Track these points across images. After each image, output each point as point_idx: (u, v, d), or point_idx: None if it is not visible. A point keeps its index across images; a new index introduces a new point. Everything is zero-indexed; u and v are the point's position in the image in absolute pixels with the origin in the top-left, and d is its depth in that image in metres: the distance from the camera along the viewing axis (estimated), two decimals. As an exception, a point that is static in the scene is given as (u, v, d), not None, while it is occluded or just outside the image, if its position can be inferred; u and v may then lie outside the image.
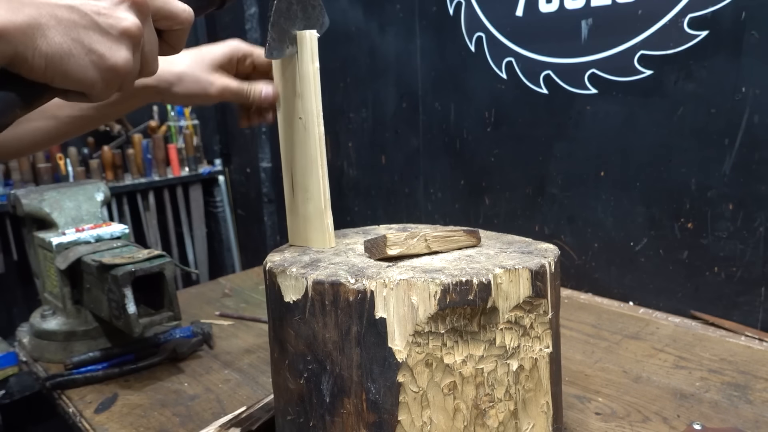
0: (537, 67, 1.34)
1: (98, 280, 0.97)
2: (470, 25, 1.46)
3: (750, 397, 0.87)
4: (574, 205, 1.35)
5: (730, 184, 1.09)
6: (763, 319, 1.10)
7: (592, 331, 1.13)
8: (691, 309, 1.19)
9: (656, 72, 1.15)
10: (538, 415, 0.62)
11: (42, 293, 1.18)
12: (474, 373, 0.57)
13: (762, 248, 1.08)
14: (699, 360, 0.99)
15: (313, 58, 0.67)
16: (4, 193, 2.02)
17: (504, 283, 0.57)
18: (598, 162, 1.28)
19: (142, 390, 0.97)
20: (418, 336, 0.55)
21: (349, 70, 1.88)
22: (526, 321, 0.59)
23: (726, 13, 1.04)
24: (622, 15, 1.17)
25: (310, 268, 0.61)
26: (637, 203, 1.24)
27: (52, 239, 1.06)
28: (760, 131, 1.04)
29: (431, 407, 0.57)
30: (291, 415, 0.63)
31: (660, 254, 1.22)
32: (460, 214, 1.61)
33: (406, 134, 1.72)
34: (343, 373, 0.57)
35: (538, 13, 1.31)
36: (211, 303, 1.37)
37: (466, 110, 1.53)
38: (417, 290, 0.54)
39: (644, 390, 0.90)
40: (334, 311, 0.57)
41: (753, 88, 1.04)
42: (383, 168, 1.80)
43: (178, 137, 2.49)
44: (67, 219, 1.12)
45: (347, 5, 1.82)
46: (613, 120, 1.24)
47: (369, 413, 0.57)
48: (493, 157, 1.49)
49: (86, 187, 1.18)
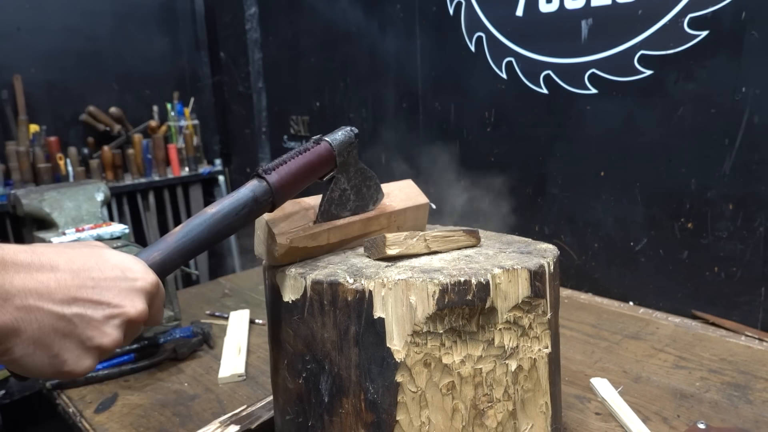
0: (537, 67, 1.34)
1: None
2: (470, 25, 1.45)
3: (750, 397, 0.87)
4: (574, 205, 1.35)
5: (730, 184, 1.09)
6: (763, 319, 1.10)
7: (592, 331, 1.13)
8: (691, 309, 1.19)
9: (656, 72, 1.15)
10: (537, 415, 0.61)
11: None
12: (472, 373, 0.57)
13: (762, 248, 1.07)
14: (699, 360, 0.99)
15: None
16: (4, 193, 2.03)
17: (503, 283, 0.57)
18: (598, 162, 1.28)
19: (142, 390, 0.97)
20: (416, 336, 0.55)
21: (349, 70, 1.88)
22: (525, 321, 0.59)
23: (726, 13, 1.04)
24: (622, 15, 1.17)
25: (308, 268, 0.61)
26: (637, 203, 1.23)
27: (52, 239, 1.06)
28: (760, 131, 1.04)
29: (430, 407, 0.57)
30: (290, 415, 0.63)
31: (660, 254, 1.22)
32: (460, 214, 1.61)
33: (406, 134, 1.72)
34: (341, 372, 0.57)
35: (538, 13, 1.31)
36: (211, 303, 1.37)
37: (466, 110, 1.53)
38: (415, 290, 0.54)
39: (644, 390, 0.90)
40: (333, 311, 0.57)
41: (753, 88, 1.03)
42: (383, 168, 1.80)
43: (178, 137, 2.50)
44: (68, 219, 1.12)
45: (347, 5, 1.82)
46: (613, 120, 1.24)
47: (367, 413, 0.57)
48: (494, 157, 1.49)
49: (86, 187, 1.18)
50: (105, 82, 2.38)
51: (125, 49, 2.41)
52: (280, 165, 0.60)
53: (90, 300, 0.45)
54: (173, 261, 0.53)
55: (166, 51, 2.54)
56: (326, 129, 0.74)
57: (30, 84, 2.18)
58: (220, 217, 0.55)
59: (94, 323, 0.45)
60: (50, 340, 0.43)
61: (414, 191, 0.76)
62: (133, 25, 2.43)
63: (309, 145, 0.63)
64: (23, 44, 2.17)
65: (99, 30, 2.34)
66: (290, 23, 2.10)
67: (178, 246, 0.53)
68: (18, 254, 0.42)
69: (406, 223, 0.73)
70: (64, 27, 2.25)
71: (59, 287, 0.43)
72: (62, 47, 2.25)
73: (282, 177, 0.59)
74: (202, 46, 2.61)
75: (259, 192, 0.57)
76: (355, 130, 0.67)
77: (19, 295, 0.41)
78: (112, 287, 0.46)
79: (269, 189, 0.58)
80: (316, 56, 2.02)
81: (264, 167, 0.59)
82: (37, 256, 0.43)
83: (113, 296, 0.46)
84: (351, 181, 0.67)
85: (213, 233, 0.55)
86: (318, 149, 0.63)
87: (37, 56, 2.20)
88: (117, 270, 0.47)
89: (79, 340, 0.44)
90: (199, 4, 2.56)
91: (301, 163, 0.61)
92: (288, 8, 2.10)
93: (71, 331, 0.44)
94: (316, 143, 0.63)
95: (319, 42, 1.99)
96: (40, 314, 0.42)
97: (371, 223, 0.69)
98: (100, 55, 2.35)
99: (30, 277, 0.42)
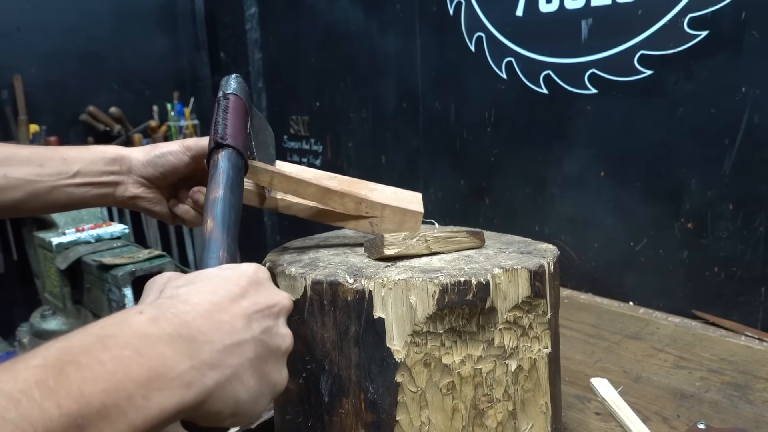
0: (537, 67, 1.34)
1: (98, 280, 0.97)
2: (470, 25, 1.45)
3: (750, 397, 0.87)
4: (574, 205, 1.35)
5: (730, 184, 1.09)
6: (763, 319, 1.10)
7: (592, 331, 1.13)
8: (691, 309, 1.19)
9: (656, 72, 1.15)
10: (537, 415, 0.61)
11: (42, 293, 1.18)
12: (472, 373, 0.57)
13: (762, 248, 1.07)
14: (699, 360, 0.99)
15: None
16: (5, 193, 2.02)
17: (503, 283, 0.57)
18: (598, 162, 1.28)
19: (141, 390, 0.97)
20: (416, 336, 0.55)
21: (349, 70, 1.88)
22: (525, 321, 0.59)
23: (726, 13, 1.04)
24: (622, 15, 1.17)
25: (308, 267, 0.61)
26: (637, 203, 1.23)
27: (52, 239, 1.06)
28: (760, 131, 1.04)
29: (430, 407, 0.57)
30: (290, 415, 0.63)
31: (660, 254, 1.22)
32: (460, 214, 1.61)
33: (406, 134, 1.72)
34: (341, 373, 0.57)
35: (538, 13, 1.31)
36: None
37: (466, 110, 1.53)
38: (415, 290, 0.54)
39: (644, 390, 0.90)
40: (333, 311, 0.57)
41: (753, 88, 1.03)
42: (383, 168, 1.80)
43: (178, 137, 2.50)
44: (67, 219, 1.12)
45: (347, 5, 1.82)
46: (613, 120, 1.24)
47: (367, 413, 0.57)
48: (494, 157, 1.49)
49: (86, 187, 1.18)
50: (105, 82, 2.38)
51: (125, 49, 2.41)
52: (225, 128, 0.59)
53: (253, 311, 0.41)
54: (233, 249, 0.50)
55: (166, 51, 2.54)
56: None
57: (30, 84, 2.18)
58: (230, 193, 0.54)
59: (272, 328, 0.42)
60: (261, 369, 0.40)
61: (410, 198, 0.74)
62: (133, 25, 2.43)
63: (224, 102, 0.62)
64: (23, 44, 2.17)
65: (99, 30, 2.34)
66: (290, 23, 2.10)
67: (226, 233, 0.50)
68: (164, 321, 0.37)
69: (384, 222, 0.70)
70: (64, 27, 2.25)
71: (223, 315, 0.39)
72: (62, 47, 2.26)
73: (234, 136, 0.59)
74: (202, 46, 2.61)
75: (233, 158, 0.57)
76: (239, 76, 0.67)
77: (206, 352, 0.36)
78: (253, 291, 0.43)
79: (236, 151, 0.58)
80: (316, 56, 2.02)
81: (217, 137, 0.58)
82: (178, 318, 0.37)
83: (262, 296, 0.43)
84: (256, 131, 0.67)
85: (233, 209, 0.53)
86: (233, 100, 0.62)
87: (37, 56, 2.21)
88: (242, 277, 0.43)
89: (273, 354, 0.42)
90: (199, 4, 2.56)
91: (234, 116, 0.61)
92: (288, 8, 2.10)
93: (266, 350, 0.41)
94: (225, 98, 0.62)
95: (319, 42, 1.99)
96: (234, 352, 0.38)
97: (330, 195, 0.67)
98: (100, 55, 2.35)
99: (203, 322, 0.38)
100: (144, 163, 0.71)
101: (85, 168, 0.69)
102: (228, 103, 0.62)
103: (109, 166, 0.70)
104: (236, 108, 0.62)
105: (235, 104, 0.62)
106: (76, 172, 0.68)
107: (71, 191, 0.69)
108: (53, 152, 0.68)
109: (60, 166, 0.68)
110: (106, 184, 0.70)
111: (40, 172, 0.67)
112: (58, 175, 0.67)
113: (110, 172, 0.70)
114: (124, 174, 0.71)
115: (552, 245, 0.68)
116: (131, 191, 0.72)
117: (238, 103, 0.63)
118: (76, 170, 0.68)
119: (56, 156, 0.68)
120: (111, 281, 0.93)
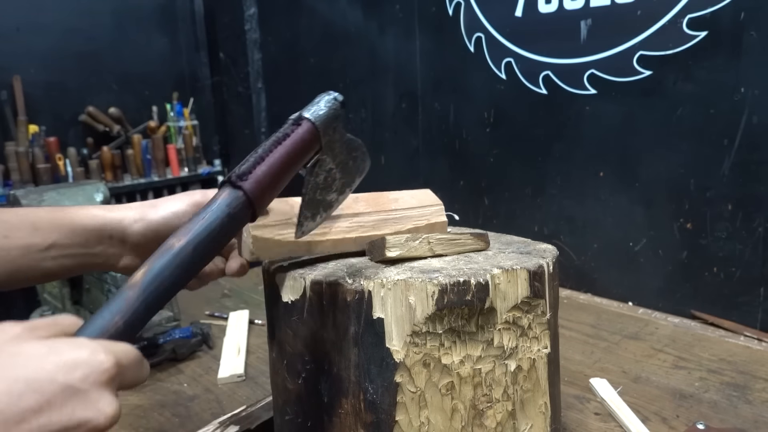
0: (536, 68, 1.34)
1: (98, 280, 0.97)
2: (469, 25, 1.46)
3: (749, 397, 0.87)
4: (574, 205, 1.35)
5: (729, 185, 1.09)
6: (762, 319, 1.10)
7: (592, 331, 1.13)
8: (690, 309, 1.19)
9: (655, 72, 1.15)
10: (536, 415, 0.62)
11: (42, 293, 1.18)
12: (472, 373, 0.57)
13: (761, 248, 1.08)
14: (698, 360, 0.99)
15: None
16: (4, 193, 2.02)
17: (502, 283, 0.57)
18: (598, 162, 1.28)
19: (141, 390, 0.97)
20: (415, 336, 0.55)
21: (348, 70, 1.88)
22: (524, 321, 0.59)
23: (725, 13, 1.04)
24: (621, 15, 1.17)
25: (308, 268, 0.61)
26: (637, 203, 1.24)
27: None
28: (759, 131, 1.04)
29: (429, 407, 0.57)
30: (289, 415, 0.63)
31: (659, 254, 1.22)
32: (459, 214, 1.61)
33: (405, 134, 1.72)
34: (341, 373, 0.57)
35: (537, 13, 1.31)
36: (210, 303, 1.37)
37: (466, 110, 1.53)
38: (415, 290, 0.54)
39: (643, 390, 0.90)
40: (332, 311, 0.57)
41: (752, 88, 1.04)
42: (383, 168, 1.80)
43: (178, 137, 2.50)
44: (67, 219, 1.12)
45: (347, 5, 1.82)
46: (612, 120, 1.24)
47: (367, 413, 0.57)
48: (493, 157, 1.49)
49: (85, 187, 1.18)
50: (104, 83, 2.38)
51: (124, 50, 2.41)
52: (256, 164, 0.48)
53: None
54: (141, 319, 0.42)
55: (165, 51, 2.54)
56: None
57: (29, 84, 2.18)
58: (191, 251, 0.44)
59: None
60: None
61: (426, 198, 0.72)
62: (133, 25, 2.43)
63: (287, 128, 0.50)
64: (23, 44, 2.17)
65: (98, 30, 2.34)
66: (290, 23, 2.10)
67: (144, 299, 0.42)
68: None
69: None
70: (64, 27, 2.25)
71: None
72: (62, 47, 2.25)
73: (261, 181, 0.47)
74: (202, 46, 2.61)
75: (235, 206, 0.47)
76: (339, 97, 0.55)
77: None
78: (58, 404, 0.34)
79: (247, 200, 0.47)
80: (316, 56, 2.02)
81: (237, 171, 0.48)
82: None
83: (65, 414, 0.34)
84: (337, 158, 0.55)
85: (185, 271, 0.44)
86: (300, 133, 0.50)
87: (36, 56, 2.20)
88: (55, 380, 0.34)
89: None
90: (199, 4, 2.56)
91: (283, 155, 0.49)
92: (288, 8, 2.10)
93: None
94: (295, 124, 0.50)
95: (319, 42, 1.99)
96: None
97: (368, 237, 0.64)
98: (99, 55, 2.35)
99: None
100: (141, 232, 0.59)
101: (63, 240, 0.56)
102: (288, 134, 0.50)
103: (94, 238, 0.58)
104: (295, 146, 0.49)
105: (297, 139, 0.50)
106: (51, 244, 0.56)
107: (46, 266, 0.56)
108: (20, 218, 0.56)
109: (28, 236, 0.55)
110: (93, 255, 0.58)
111: (2, 244, 0.54)
112: (26, 248, 0.55)
113: (96, 244, 0.58)
114: (116, 246, 0.59)
115: (551, 245, 0.68)
116: (126, 263, 0.61)
117: (305, 138, 0.50)
118: (51, 242, 0.56)
119: (23, 224, 0.55)
120: (110, 282, 0.93)
